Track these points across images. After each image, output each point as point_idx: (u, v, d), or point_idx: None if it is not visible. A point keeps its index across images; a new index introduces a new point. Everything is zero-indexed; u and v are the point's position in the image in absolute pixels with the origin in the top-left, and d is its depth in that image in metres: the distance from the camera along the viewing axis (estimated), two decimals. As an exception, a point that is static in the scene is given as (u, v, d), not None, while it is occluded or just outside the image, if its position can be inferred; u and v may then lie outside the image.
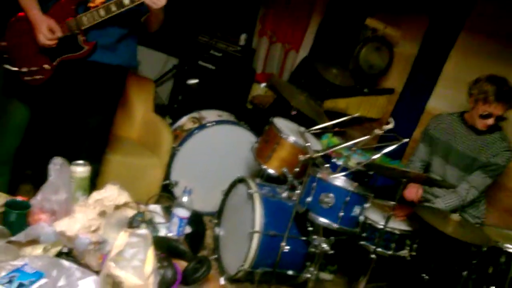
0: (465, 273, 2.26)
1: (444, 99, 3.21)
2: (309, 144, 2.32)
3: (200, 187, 3.05)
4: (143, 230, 1.17)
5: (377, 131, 2.00)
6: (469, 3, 3.13)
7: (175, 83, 4.35)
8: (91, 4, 1.98)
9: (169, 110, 4.17)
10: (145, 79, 3.28)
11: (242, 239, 2.41)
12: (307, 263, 2.41)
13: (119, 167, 2.66)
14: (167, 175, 2.90)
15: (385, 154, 3.22)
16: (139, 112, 3.04)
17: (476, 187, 2.46)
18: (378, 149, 2.09)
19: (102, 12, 1.95)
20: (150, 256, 1.10)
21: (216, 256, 2.64)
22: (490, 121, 2.43)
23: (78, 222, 1.51)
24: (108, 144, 2.46)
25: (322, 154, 2.23)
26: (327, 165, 2.46)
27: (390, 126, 1.96)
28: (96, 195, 1.60)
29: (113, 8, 1.93)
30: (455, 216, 2.13)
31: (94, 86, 2.18)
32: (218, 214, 2.76)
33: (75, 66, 2.09)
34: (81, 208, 1.55)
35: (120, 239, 1.12)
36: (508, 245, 2.17)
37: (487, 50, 3.00)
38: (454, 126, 2.64)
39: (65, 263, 1.20)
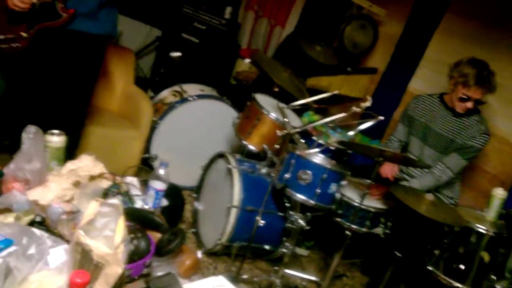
0: (437, 251, 2.33)
1: (425, 80, 3.24)
2: (287, 120, 2.32)
3: (180, 162, 3.05)
4: (114, 200, 1.16)
5: (355, 109, 2.00)
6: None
7: (158, 56, 4.28)
8: None
9: (151, 83, 4.12)
10: (125, 50, 3.21)
11: (220, 214, 2.42)
12: (283, 238, 2.44)
13: (98, 139, 2.63)
14: (147, 149, 2.88)
15: (365, 133, 3.30)
16: (119, 84, 2.99)
17: (452, 168, 2.51)
18: (356, 127, 2.08)
19: None
20: (120, 226, 1.09)
21: (194, 230, 2.66)
22: (469, 104, 2.46)
23: (52, 192, 1.50)
24: (87, 116, 2.40)
25: (299, 130, 2.23)
26: (306, 142, 2.48)
27: (368, 104, 1.96)
28: (70, 165, 1.58)
29: None
30: (429, 196, 2.17)
31: (72, 55, 2.12)
32: (197, 189, 2.76)
33: (54, 34, 2.03)
34: (54, 178, 1.54)
35: (90, 209, 1.12)
36: (479, 225, 2.22)
37: (470, 32, 3.02)
38: (433, 107, 2.67)
39: (36, 231, 1.19)
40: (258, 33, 4.60)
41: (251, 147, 2.63)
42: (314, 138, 2.65)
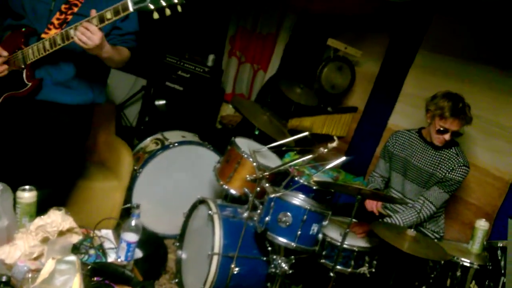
0: (423, 287, 2.28)
1: (404, 116, 3.28)
2: (256, 163, 2.34)
3: (163, 210, 3.04)
4: (72, 257, 1.15)
5: (322, 150, 2.02)
6: (425, 22, 3.23)
7: (143, 104, 4.35)
8: (43, 36, 1.86)
9: (136, 132, 4.16)
10: (105, 102, 3.26)
11: (202, 262, 2.38)
12: (267, 284, 2.39)
13: (79, 191, 2.62)
14: (128, 198, 2.87)
15: (349, 171, 3.31)
16: (101, 135, 3.02)
17: (433, 202, 2.50)
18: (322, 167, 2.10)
19: (47, 45, 1.81)
20: (76, 283, 1.07)
21: (177, 280, 2.60)
22: (447, 136, 2.48)
23: (19, 250, 1.48)
24: (65, 170, 2.25)
25: (268, 173, 2.25)
26: (289, 183, 2.48)
27: (334, 144, 1.98)
28: (38, 221, 1.57)
29: (59, 40, 1.79)
30: (410, 232, 2.15)
31: (42, 126, 2.01)
32: (180, 237, 2.72)
33: (23, 105, 1.95)
34: (22, 235, 1.52)
35: (47, 267, 1.10)
36: (464, 259, 2.19)
37: (443, 67, 3.08)
38: (412, 142, 2.69)
39: (-6, 293, 1.16)
40: (241, 78, 4.70)
41: (232, 191, 2.63)
42: (296, 179, 2.67)
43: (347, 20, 3.82)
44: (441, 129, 2.47)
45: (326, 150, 2.00)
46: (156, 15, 1.70)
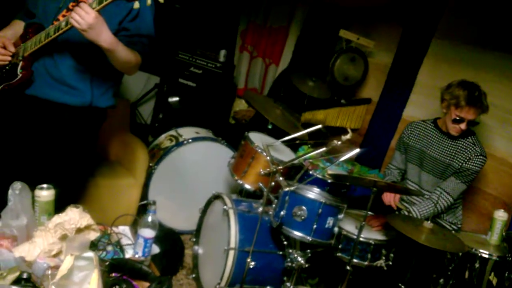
0: (441, 280, 2.26)
1: (419, 107, 3.24)
2: (269, 157, 2.33)
3: (179, 206, 3.06)
4: (89, 253, 1.16)
5: (335, 142, 2.01)
6: (438, 11, 3.18)
7: (157, 102, 4.37)
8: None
9: (151, 129, 4.19)
10: (120, 100, 3.29)
11: (218, 257, 2.39)
12: (284, 278, 2.39)
13: (95, 189, 2.66)
14: (145, 195, 2.90)
15: (364, 163, 3.29)
16: (116, 133, 3.05)
17: (450, 193, 2.47)
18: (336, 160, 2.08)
19: (42, 37, 1.80)
20: (94, 279, 1.09)
21: (194, 275, 2.62)
22: (463, 125, 2.45)
23: (38, 247, 1.50)
24: (80, 168, 2.26)
25: (282, 167, 2.24)
26: (304, 177, 2.48)
27: (348, 136, 1.96)
28: (57, 218, 1.59)
29: (52, 32, 1.76)
30: (427, 224, 2.13)
31: (45, 124, 1.96)
32: (196, 232, 2.74)
33: (16, 98, 1.92)
34: (41, 233, 1.54)
35: (65, 263, 1.12)
36: (482, 250, 2.16)
37: (457, 56, 3.04)
38: (428, 132, 2.66)
39: (16, 289, 1.18)
40: (254, 73, 4.69)
41: (247, 186, 2.63)
42: (311, 172, 2.66)
43: (359, 11, 3.78)
44: (457, 118, 2.43)
45: (340, 142, 1.98)
46: (136, 5, 1.65)
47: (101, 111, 2.12)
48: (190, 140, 3.00)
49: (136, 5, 1.66)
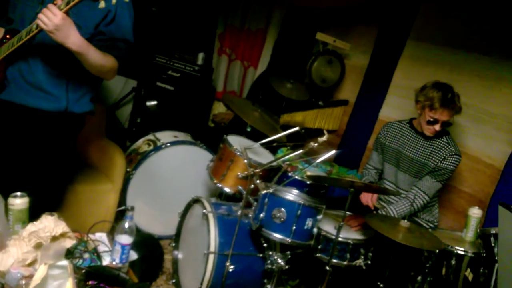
0: (419, 277, 2.30)
1: (395, 107, 3.29)
2: (247, 160, 2.34)
3: (158, 211, 3.03)
4: (63, 262, 1.14)
5: (312, 144, 2.02)
6: (412, 12, 3.24)
7: (135, 106, 4.33)
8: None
9: (128, 134, 4.14)
10: (96, 104, 3.24)
11: (199, 261, 2.38)
12: (264, 280, 2.40)
13: (72, 195, 2.62)
14: (122, 200, 2.86)
15: (342, 164, 3.32)
16: (92, 138, 3.00)
17: (426, 191, 2.51)
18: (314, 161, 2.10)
19: (15, 41, 1.79)
20: (69, 287, 1.07)
21: (174, 280, 2.60)
22: (437, 127, 2.49)
23: (12, 256, 1.48)
24: (55, 175, 2.21)
25: (260, 169, 2.25)
26: (283, 178, 2.49)
27: (324, 138, 1.98)
28: (31, 227, 1.56)
29: (24, 35, 1.76)
30: (404, 222, 2.16)
31: (23, 131, 1.95)
32: (176, 237, 2.72)
33: None
34: (15, 242, 1.51)
35: (39, 272, 1.10)
36: (458, 247, 2.21)
37: (431, 57, 3.10)
38: (403, 133, 2.70)
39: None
40: (232, 76, 4.70)
41: (226, 189, 2.63)
42: (290, 174, 2.67)
43: (335, 13, 3.83)
44: (431, 120, 2.48)
45: (317, 144, 2.00)
46: (102, 4, 1.62)
47: (78, 117, 2.09)
48: (168, 144, 2.98)
49: (102, 4, 1.62)
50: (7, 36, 1.90)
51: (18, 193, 1.70)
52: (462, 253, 2.20)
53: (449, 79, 2.56)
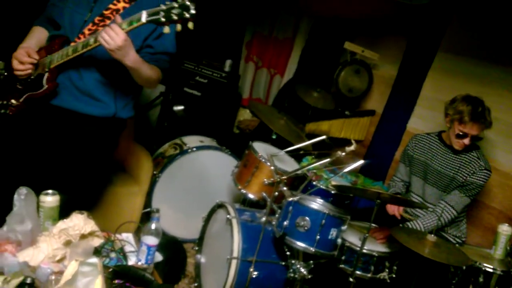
0: (445, 294, 2.25)
1: (423, 119, 3.24)
2: (273, 167, 2.33)
3: (182, 214, 3.06)
4: (94, 259, 1.17)
5: (339, 153, 2.01)
6: (443, 24, 3.20)
7: (162, 110, 4.39)
8: (72, 44, 1.89)
9: (155, 138, 4.20)
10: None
11: (221, 266, 2.38)
12: (286, 289, 2.38)
13: (100, 195, 2.66)
14: (148, 203, 2.90)
15: (368, 175, 3.28)
16: (121, 141, 3.03)
17: (454, 206, 2.46)
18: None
19: (70, 51, 1.86)
20: (98, 284, 1.09)
21: (196, 284, 2.61)
22: (466, 141, 2.45)
23: (42, 252, 1.51)
24: (89, 177, 2.22)
25: (285, 177, 2.24)
26: (308, 188, 2.48)
27: (352, 148, 1.97)
28: (61, 224, 1.59)
29: (80, 47, 1.83)
30: (431, 237, 2.12)
31: (67, 134, 2.01)
32: (199, 241, 2.73)
33: (42, 108, 1.97)
34: (45, 238, 1.55)
35: (70, 269, 1.12)
36: (486, 264, 2.15)
37: (462, 69, 3.05)
38: (432, 145, 2.66)
39: (19, 294, 1.19)
40: (258, 83, 4.72)
41: (250, 195, 2.63)
42: (314, 183, 2.66)
43: (363, 23, 3.81)
44: (461, 133, 2.44)
45: (343, 153, 1.99)
46: (167, 30, 1.68)
47: (123, 122, 2.19)
48: (194, 149, 3.01)
49: (166, 29, 1.68)
50: (55, 42, 1.96)
51: (50, 191, 1.74)
52: (491, 270, 2.14)
53: (480, 92, 2.51)
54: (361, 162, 2.08)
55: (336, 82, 3.45)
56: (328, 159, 2.13)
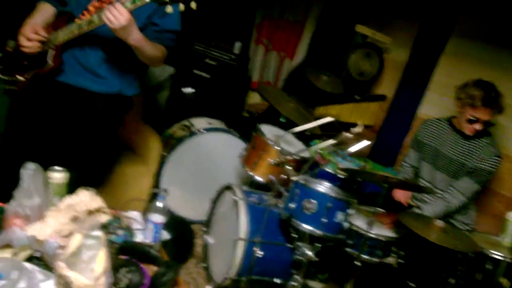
0: (452, 280, 2.24)
1: (434, 105, 3.20)
2: (279, 148, 2.31)
3: (191, 195, 3.07)
4: (98, 232, 1.17)
5: (345, 134, 1.99)
6: (457, 8, 3.13)
7: (171, 92, 4.38)
8: (76, 21, 1.89)
9: (164, 119, 4.20)
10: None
11: (228, 247, 2.39)
12: (293, 271, 2.39)
13: (108, 175, 2.68)
14: (157, 183, 2.91)
15: (377, 160, 3.26)
16: (129, 121, 3.02)
17: (464, 192, 2.44)
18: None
19: (75, 29, 1.86)
20: (101, 257, 1.10)
21: (204, 264, 2.63)
22: (477, 126, 2.42)
23: (50, 227, 1.52)
24: (97, 154, 2.24)
25: (291, 157, 2.22)
26: (314, 170, 2.46)
27: (358, 129, 1.95)
28: (68, 200, 1.60)
29: (84, 25, 1.82)
30: (439, 222, 2.11)
31: (73, 111, 2.03)
32: (207, 222, 2.75)
33: (48, 85, 1.99)
34: (52, 213, 1.55)
35: (74, 241, 1.13)
36: (494, 251, 2.13)
37: (475, 54, 3.00)
38: (442, 131, 2.63)
39: (27, 265, 1.20)
40: (268, 66, 4.68)
41: (258, 178, 2.62)
42: (321, 166, 2.65)
43: (375, 6, 3.74)
44: (472, 118, 2.40)
45: (350, 135, 1.97)
46: (170, 9, 1.68)
47: (128, 99, 2.19)
48: (203, 131, 3.01)
49: (169, 9, 1.68)
50: (61, 19, 1.96)
51: (58, 168, 1.76)
52: (499, 257, 2.12)
53: (492, 78, 2.47)
54: (367, 142, 2.06)
55: (346, 66, 3.41)
56: (334, 140, 2.11)
